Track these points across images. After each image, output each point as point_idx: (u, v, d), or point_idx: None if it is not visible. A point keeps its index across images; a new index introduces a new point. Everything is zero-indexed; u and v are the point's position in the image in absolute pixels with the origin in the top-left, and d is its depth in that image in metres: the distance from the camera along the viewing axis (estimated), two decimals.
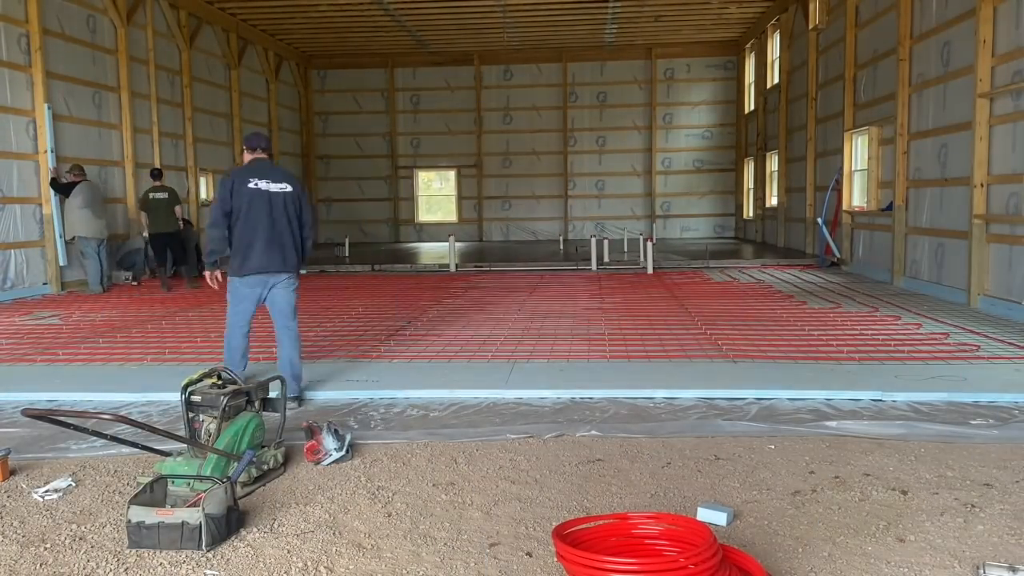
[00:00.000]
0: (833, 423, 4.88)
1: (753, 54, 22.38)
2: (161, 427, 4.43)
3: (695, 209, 24.78)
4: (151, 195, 12.84)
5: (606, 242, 16.65)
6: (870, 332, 7.88)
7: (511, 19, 20.00)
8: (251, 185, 5.48)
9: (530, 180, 25.06)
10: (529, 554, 3.21)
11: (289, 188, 5.59)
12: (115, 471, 4.27)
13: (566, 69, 24.47)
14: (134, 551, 3.27)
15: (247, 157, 5.67)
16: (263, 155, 5.67)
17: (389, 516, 3.63)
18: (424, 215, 26.13)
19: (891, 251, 12.14)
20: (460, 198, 25.59)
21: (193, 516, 3.25)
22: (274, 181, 5.56)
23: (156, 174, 13.35)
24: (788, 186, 18.63)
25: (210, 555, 3.24)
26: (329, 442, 4.32)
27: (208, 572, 3.12)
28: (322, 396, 5.76)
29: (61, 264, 12.57)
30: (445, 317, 9.39)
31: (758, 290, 11.57)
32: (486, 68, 24.70)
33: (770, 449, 4.48)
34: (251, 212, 5.47)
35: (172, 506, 3.46)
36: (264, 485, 4.01)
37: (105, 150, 14.16)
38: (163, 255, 13.10)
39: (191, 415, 4.06)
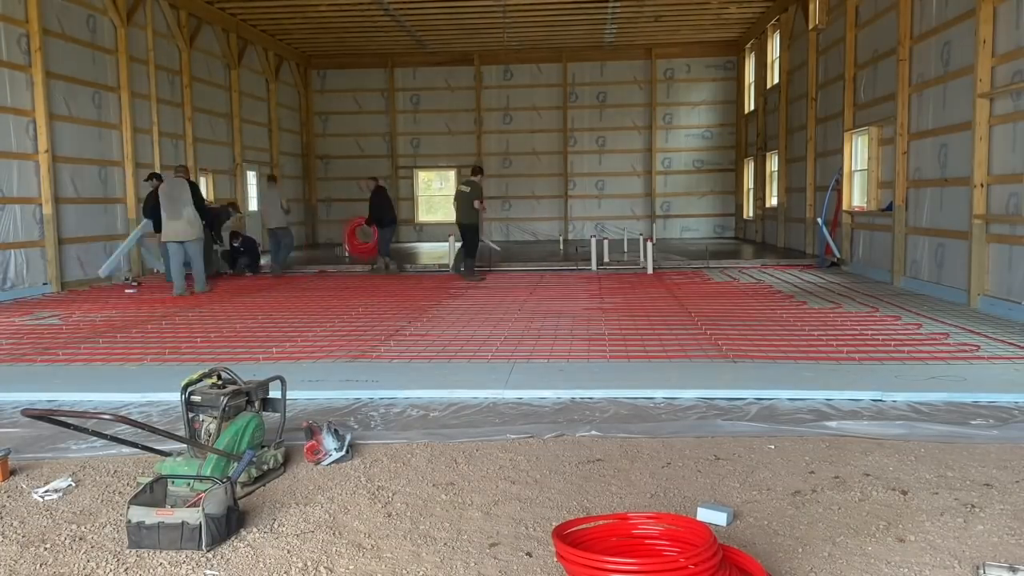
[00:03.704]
0: (833, 423, 4.88)
1: (753, 54, 22.38)
2: (161, 427, 4.43)
3: (695, 209, 24.78)
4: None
5: (606, 242, 16.65)
6: (870, 332, 7.88)
7: (511, 19, 19.99)
8: None
9: (530, 180, 25.05)
10: (529, 554, 3.21)
11: None
12: (115, 471, 4.27)
13: (566, 69, 24.46)
14: (134, 551, 3.27)
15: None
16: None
17: (389, 516, 3.63)
18: (424, 215, 26.12)
19: (891, 251, 12.14)
20: None
21: (193, 516, 3.25)
22: None
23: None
24: (788, 186, 18.63)
25: (210, 555, 3.24)
26: (329, 442, 4.31)
27: (208, 572, 3.12)
28: (322, 396, 5.76)
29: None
30: (445, 317, 9.39)
31: (758, 290, 11.56)
32: (486, 68, 24.69)
33: (770, 449, 4.48)
34: None
35: (172, 506, 3.45)
36: (264, 485, 4.01)
37: (105, 150, 14.16)
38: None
39: (191, 415, 4.05)
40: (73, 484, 4.07)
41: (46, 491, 3.96)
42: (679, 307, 9.87)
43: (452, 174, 25.64)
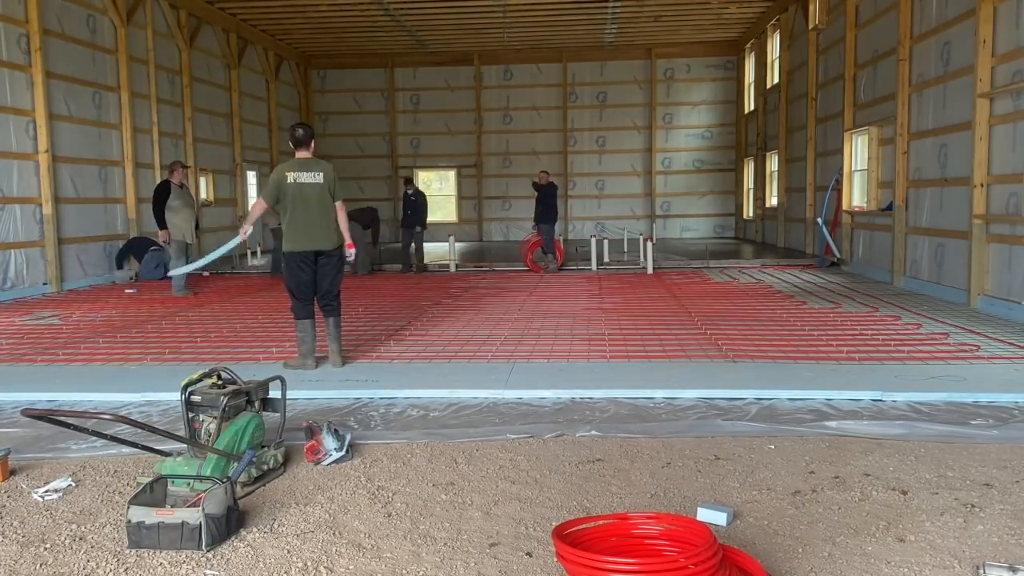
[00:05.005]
0: (833, 423, 4.88)
1: (753, 54, 22.38)
2: (161, 427, 4.43)
3: (695, 209, 24.78)
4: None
5: (606, 242, 16.65)
6: (870, 332, 7.88)
7: (511, 19, 19.99)
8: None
9: (530, 180, 25.03)
10: (529, 554, 3.21)
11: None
12: (115, 471, 4.27)
13: (566, 69, 24.47)
14: (134, 551, 3.27)
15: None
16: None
17: (389, 516, 3.63)
18: None
19: (891, 251, 12.14)
20: (460, 198, 25.58)
21: (193, 516, 3.25)
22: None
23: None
24: (788, 186, 18.63)
25: (210, 555, 3.24)
26: (329, 442, 4.31)
27: (208, 572, 3.12)
28: (322, 396, 5.76)
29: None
30: (445, 317, 9.39)
31: (758, 290, 11.56)
32: (486, 68, 24.69)
33: (770, 449, 4.48)
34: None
35: (172, 506, 3.45)
36: (264, 485, 4.01)
37: (105, 150, 14.16)
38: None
39: (191, 415, 4.06)
40: (73, 484, 4.07)
41: (46, 491, 3.96)
42: (679, 307, 9.87)
43: (452, 174, 25.65)
